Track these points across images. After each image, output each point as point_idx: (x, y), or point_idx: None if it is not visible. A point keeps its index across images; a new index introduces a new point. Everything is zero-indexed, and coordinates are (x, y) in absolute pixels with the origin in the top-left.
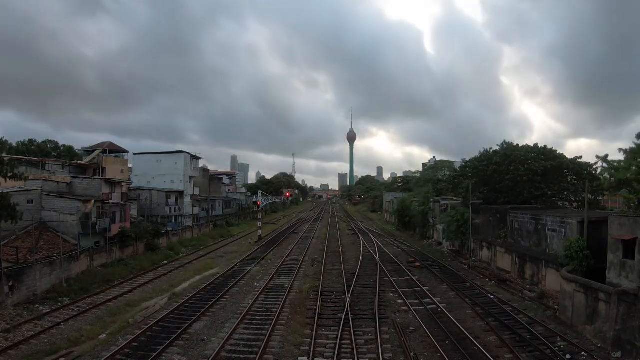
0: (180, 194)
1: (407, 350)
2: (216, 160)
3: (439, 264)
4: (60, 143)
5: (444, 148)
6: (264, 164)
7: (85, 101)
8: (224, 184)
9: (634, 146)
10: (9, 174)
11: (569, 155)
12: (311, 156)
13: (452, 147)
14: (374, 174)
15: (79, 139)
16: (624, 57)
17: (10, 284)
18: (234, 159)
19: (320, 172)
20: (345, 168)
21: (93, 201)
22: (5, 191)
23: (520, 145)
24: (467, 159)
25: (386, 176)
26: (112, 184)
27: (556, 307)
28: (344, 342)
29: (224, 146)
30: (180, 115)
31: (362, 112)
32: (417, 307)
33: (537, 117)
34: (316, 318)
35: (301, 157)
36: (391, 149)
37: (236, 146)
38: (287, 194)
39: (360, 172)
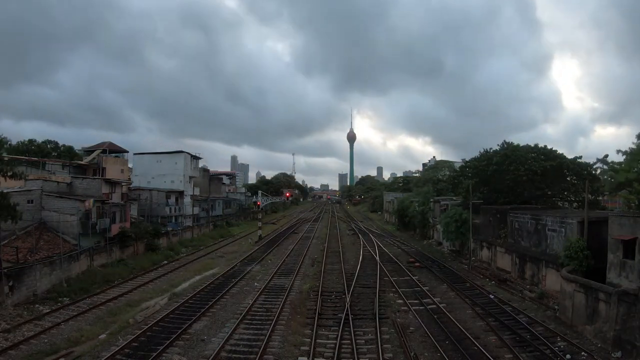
0: (180, 194)
1: (407, 350)
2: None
3: (439, 264)
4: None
5: (447, 138)
6: (238, 158)
7: None
8: (224, 184)
9: (632, 148)
10: (9, 173)
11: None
12: (296, 149)
13: (456, 136)
14: (373, 171)
15: None
16: None
17: (10, 284)
18: (234, 159)
19: (310, 169)
20: (341, 165)
21: (92, 200)
22: (5, 191)
23: (520, 145)
24: (467, 160)
25: (386, 176)
26: (112, 184)
27: (556, 307)
28: (344, 342)
29: (182, 135)
30: (104, 87)
31: (349, 76)
32: (417, 307)
33: (571, 86)
34: (316, 318)
35: (277, 150)
36: (389, 136)
37: (197, 135)
38: (287, 194)
39: (359, 171)
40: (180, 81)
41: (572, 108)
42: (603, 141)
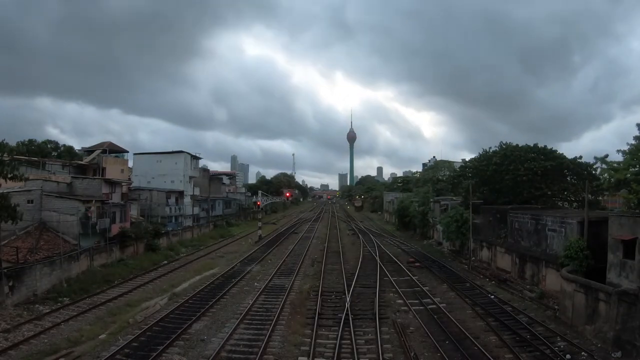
0: (180, 194)
1: (407, 350)
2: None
3: (439, 264)
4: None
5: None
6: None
7: None
8: (224, 184)
9: (631, 147)
10: (9, 175)
11: None
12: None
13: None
14: (372, 169)
15: None
16: None
17: (10, 284)
18: (234, 158)
19: (265, 160)
20: (338, 164)
21: (94, 201)
22: (5, 191)
23: (519, 145)
24: (467, 160)
25: (386, 175)
26: (112, 184)
27: (556, 307)
28: (344, 342)
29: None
30: None
31: None
32: (417, 307)
33: None
34: (316, 318)
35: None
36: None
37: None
38: (287, 194)
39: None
40: None
41: None
42: None
